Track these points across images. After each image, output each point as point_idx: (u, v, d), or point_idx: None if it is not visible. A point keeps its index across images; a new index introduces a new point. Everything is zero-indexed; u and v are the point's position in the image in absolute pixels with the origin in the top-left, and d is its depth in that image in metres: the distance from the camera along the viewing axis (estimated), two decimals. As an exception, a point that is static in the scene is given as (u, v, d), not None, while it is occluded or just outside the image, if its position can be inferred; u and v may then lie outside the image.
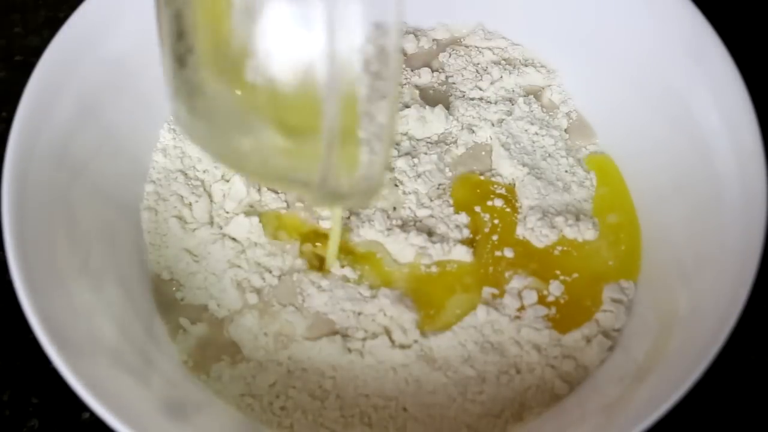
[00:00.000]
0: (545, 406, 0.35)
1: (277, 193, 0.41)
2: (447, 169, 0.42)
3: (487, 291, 0.38)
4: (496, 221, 0.40)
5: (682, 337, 0.33)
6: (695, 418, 0.37)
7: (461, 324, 0.37)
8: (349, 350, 0.36)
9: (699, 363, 0.29)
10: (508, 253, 0.39)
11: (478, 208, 0.40)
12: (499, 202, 0.40)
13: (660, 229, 0.39)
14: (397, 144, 0.42)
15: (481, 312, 0.37)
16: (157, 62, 0.29)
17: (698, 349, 0.30)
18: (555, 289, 0.38)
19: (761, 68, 0.42)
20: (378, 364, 0.36)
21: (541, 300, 0.38)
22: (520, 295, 0.38)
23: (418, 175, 0.41)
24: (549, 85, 0.45)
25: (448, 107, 0.43)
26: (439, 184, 0.41)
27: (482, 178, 0.41)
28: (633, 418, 0.29)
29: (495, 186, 0.41)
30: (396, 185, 0.41)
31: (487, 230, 0.40)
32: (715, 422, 0.37)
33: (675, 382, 0.29)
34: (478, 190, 0.41)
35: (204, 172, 0.41)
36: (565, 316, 0.37)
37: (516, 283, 0.38)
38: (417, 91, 0.44)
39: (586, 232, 0.39)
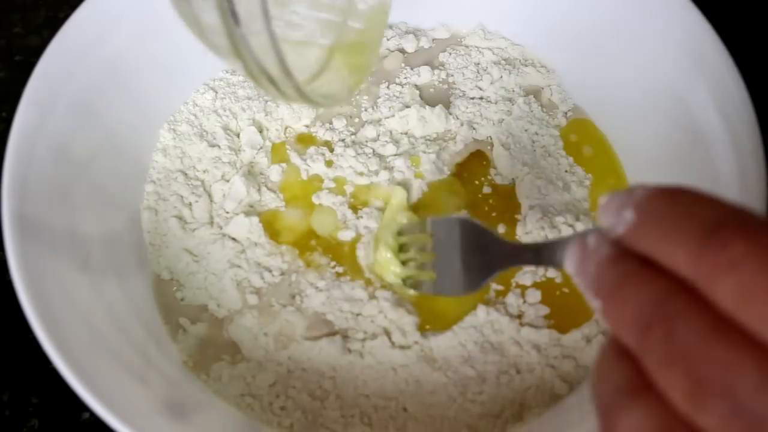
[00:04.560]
0: (545, 406, 0.35)
1: (276, 192, 0.41)
2: (445, 168, 0.42)
3: (492, 287, 0.38)
4: (493, 214, 0.40)
5: (682, 336, 0.32)
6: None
7: (461, 324, 0.37)
8: (349, 350, 0.36)
9: (699, 363, 0.29)
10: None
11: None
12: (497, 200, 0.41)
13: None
14: (397, 142, 0.42)
15: (481, 312, 0.37)
16: (156, 62, 0.29)
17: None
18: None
19: (761, 68, 0.42)
20: (378, 365, 0.36)
21: (544, 299, 0.37)
22: (523, 293, 0.38)
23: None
24: (548, 85, 0.45)
25: (448, 106, 0.43)
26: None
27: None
28: (633, 417, 0.29)
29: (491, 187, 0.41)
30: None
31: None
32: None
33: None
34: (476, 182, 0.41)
35: (204, 172, 0.41)
36: (565, 316, 0.37)
37: (519, 279, 0.38)
38: (417, 92, 0.44)
39: (585, 232, 0.39)
